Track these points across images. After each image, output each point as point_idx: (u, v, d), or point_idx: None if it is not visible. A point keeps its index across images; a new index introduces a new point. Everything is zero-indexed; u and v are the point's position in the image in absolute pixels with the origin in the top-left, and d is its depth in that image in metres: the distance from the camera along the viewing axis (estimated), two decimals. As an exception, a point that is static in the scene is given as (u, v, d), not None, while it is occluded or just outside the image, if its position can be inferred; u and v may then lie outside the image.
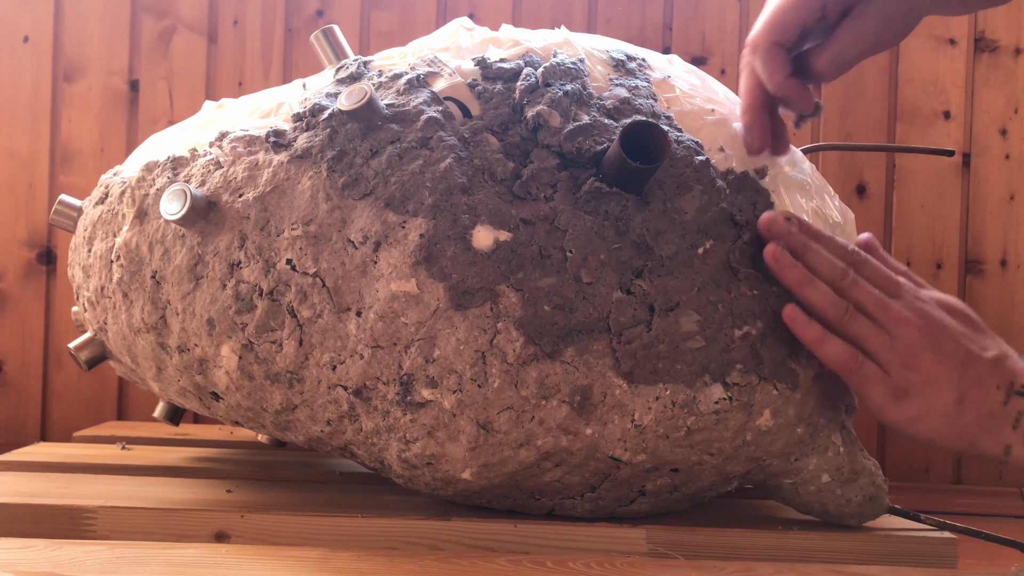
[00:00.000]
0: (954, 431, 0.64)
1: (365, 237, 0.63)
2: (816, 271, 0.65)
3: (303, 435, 0.69)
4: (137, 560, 0.58)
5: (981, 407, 0.63)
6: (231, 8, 1.23)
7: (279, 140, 0.67)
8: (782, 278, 0.65)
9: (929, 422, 0.64)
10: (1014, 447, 0.64)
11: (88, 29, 1.23)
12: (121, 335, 0.73)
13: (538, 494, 0.67)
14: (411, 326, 0.62)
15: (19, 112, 1.23)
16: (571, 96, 0.67)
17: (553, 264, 0.62)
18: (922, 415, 0.63)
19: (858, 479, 0.68)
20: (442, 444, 0.63)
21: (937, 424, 0.64)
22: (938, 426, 0.64)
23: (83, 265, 0.76)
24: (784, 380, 0.65)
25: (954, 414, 0.63)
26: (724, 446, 0.65)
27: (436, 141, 0.64)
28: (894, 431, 0.66)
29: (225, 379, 0.68)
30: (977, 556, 0.80)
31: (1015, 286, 1.21)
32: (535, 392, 0.62)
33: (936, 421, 0.64)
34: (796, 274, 0.65)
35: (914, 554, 0.66)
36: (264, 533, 0.66)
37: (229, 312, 0.66)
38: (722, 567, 0.62)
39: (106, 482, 0.76)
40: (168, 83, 1.23)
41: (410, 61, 0.70)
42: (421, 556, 0.62)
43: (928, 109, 1.20)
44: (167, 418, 0.87)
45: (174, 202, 0.66)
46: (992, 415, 0.64)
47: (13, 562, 0.57)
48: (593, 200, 0.64)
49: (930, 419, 0.64)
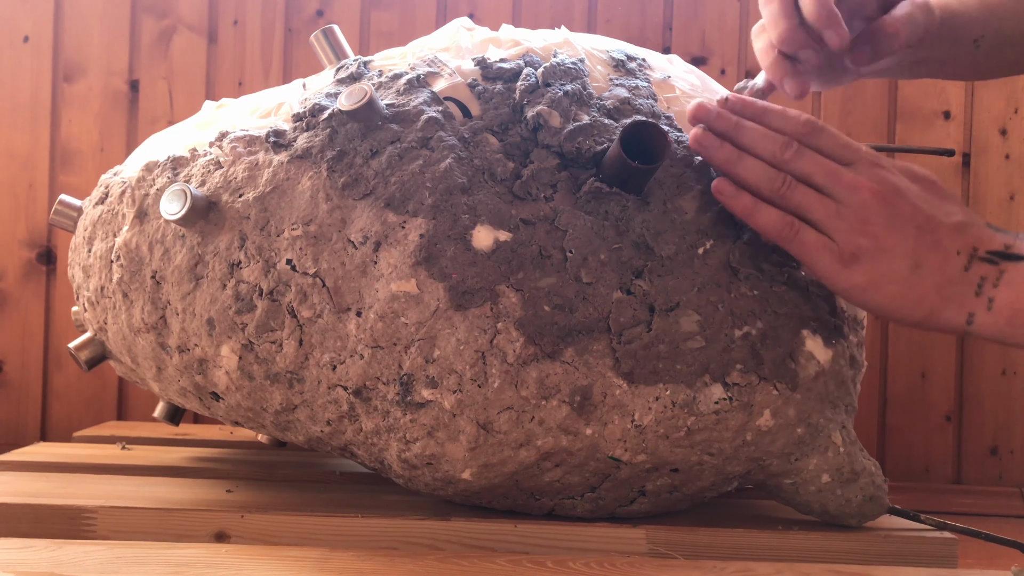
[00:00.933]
0: (911, 300, 0.61)
1: (365, 237, 0.63)
2: (753, 148, 0.63)
3: (303, 435, 0.69)
4: (137, 560, 0.58)
5: (940, 274, 0.60)
6: (231, 8, 1.23)
7: (279, 140, 0.67)
8: (710, 160, 0.64)
9: (883, 290, 0.61)
10: (977, 315, 0.60)
11: (88, 29, 1.23)
12: (121, 335, 0.73)
13: (538, 494, 0.67)
14: (411, 326, 0.62)
15: (19, 112, 1.23)
16: (571, 96, 0.67)
17: (553, 264, 0.62)
18: (874, 282, 0.61)
19: (858, 479, 0.68)
20: (442, 444, 0.63)
21: (892, 292, 0.61)
22: (893, 294, 0.61)
23: (83, 265, 0.76)
24: (784, 380, 0.65)
25: (910, 281, 0.60)
26: (724, 446, 0.65)
27: (436, 141, 0.64)
28: (848, 300, 0.63)
29: (225, 379, 0.68)
30: (977, 556, 0.80)
31: (1015, 286, 1.20)
32: (535, 392, 0.62)
33: (890, 289, 0.60)
34: (722, 153, 0.63)
35: (914, 554, 0.66)
36: (264, 533, 0.66)
37: (229, 312, 0.66)
38: (722, 567, 0.62)
39: (106, 482, 0.76)
40: (168, 83, 1.23)
41: (410, 61, 0.70)
42: (421, 556, 0.62)
43: (928, 109, 1.20)
44: (167, 418, 0.87)
45: (174, 202, 0.66)
46: (952, 282, 0.60)
47: (13, 562, 0.57)
48: (593, 200, 0.64)
49: (884, 287, 0.60)
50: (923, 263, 0.60)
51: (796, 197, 0.62)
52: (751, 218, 0.63)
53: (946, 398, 1.21)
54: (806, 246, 0.62)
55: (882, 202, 0.61)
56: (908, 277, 0.60)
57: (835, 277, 0.62)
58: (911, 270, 0.60)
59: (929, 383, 1.21)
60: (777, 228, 0.62)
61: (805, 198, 0.62)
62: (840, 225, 0.61)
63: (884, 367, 1.21)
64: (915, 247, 0.61)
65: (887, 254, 0.61)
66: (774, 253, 0.66)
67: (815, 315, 0.66)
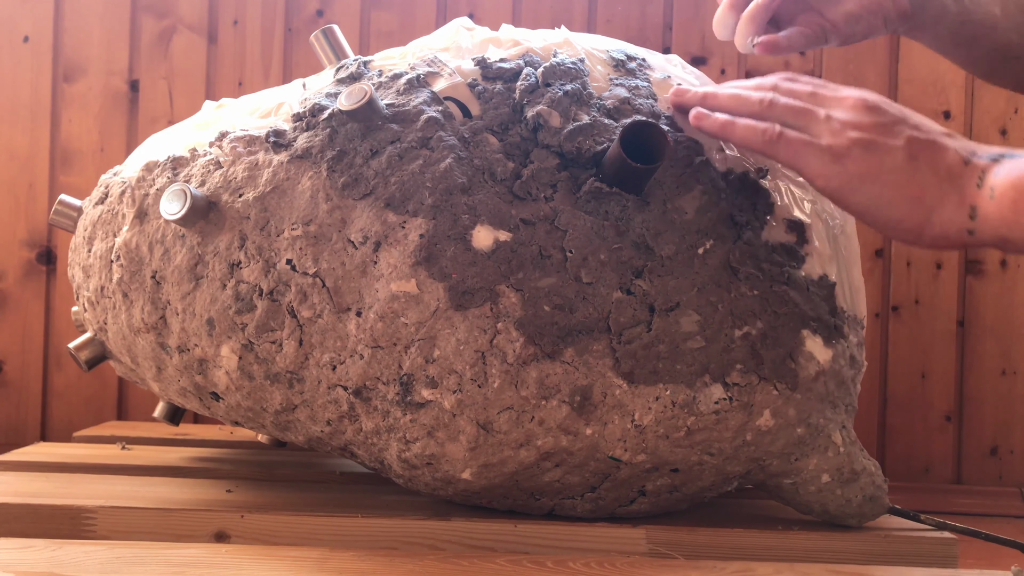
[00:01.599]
0: (910, 193, 0.57)
1: (365, 237, 0.63)
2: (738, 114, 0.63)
3: (303, 435, 0.69)
4: (137, 560, 0.58)
5: (939, 165, 0.57)
6: (231, 8, 1.23)
7: (279, 140, 0.67)
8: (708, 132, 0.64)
9: (880, 180, 0.57)
10: (979, 207, 0.55)
11: (88, 29, 1.23)
12: (121, 335, 0.73)
13: (538, 494, 0.67)
14: (411, 326, 0.62)
15: (19, 112, 1.23)
16: (571, 96, 0.67)
17: (553, 264, 0.62)
18: (871, 172, 0.57)
19: (858, 479, 0.68)
20: (442, 444, 0.63)
21: (889, 182, 0.57)
22: (891, 184, 0.57)
23: (83, 265, 0.76)
24: (784, 380, 0.65)
25: (907, 171, 0.57)
26: (724, 446, 0.65)
27: (436, 141, 0.64)
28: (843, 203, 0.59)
29: (225, 379, 0.68)
30: (977, 556, 0.80)
31: (1015, 286, 1.21)
32: (535, 392, 0.62)
33: (888, 179, 0.57)
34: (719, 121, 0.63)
35: (914, 554, 0.66)
36: (264, 533, 0.66)
37: (229, 312, 0.66)
38: (722, 567, 0.62)
39: (106, 482, 0.76)
40: (168, 83, 1.23)
41: (410, 61, 0.70)
42: (421, 556, 0.62)
43: (928, 109, 1.20)
44: (167, 418, 0.87)
45: (174, 202, 0.66)
46: (952, 175, 0.56)
47: (13, 562, 0.57)
48: (593, 200, 0.64)
49: (881, 176, 0.57)
50: (920, 156, 0.57)
51: (779, 109, 0.61)
52: (730, 132, 0.62)
53: (946, 398, 1.21)
54: (793, 144, 0.59)
55: (871, 108, 0.59)
56: (905, 167, 0.57)
57: (827, 172, 0.58)
58: (908, 161, 0.57)
59: (929, 383, 1.21)
60: (758, 133, 0.60)
61: (790, 107, 0.61)
62: (830, 127, 0.59)
63: (884, 367, 1.21)
64: (909, 143, 0.57)
65: (881, 147, 0.57)
66: (774, 253, 0.66)
67: (815, 315, 0.66)
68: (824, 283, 0.68)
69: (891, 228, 0.58)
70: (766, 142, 0.60)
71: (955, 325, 1.21)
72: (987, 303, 1.21)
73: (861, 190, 0.58)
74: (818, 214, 0.70)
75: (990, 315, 1.21)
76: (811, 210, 0.70)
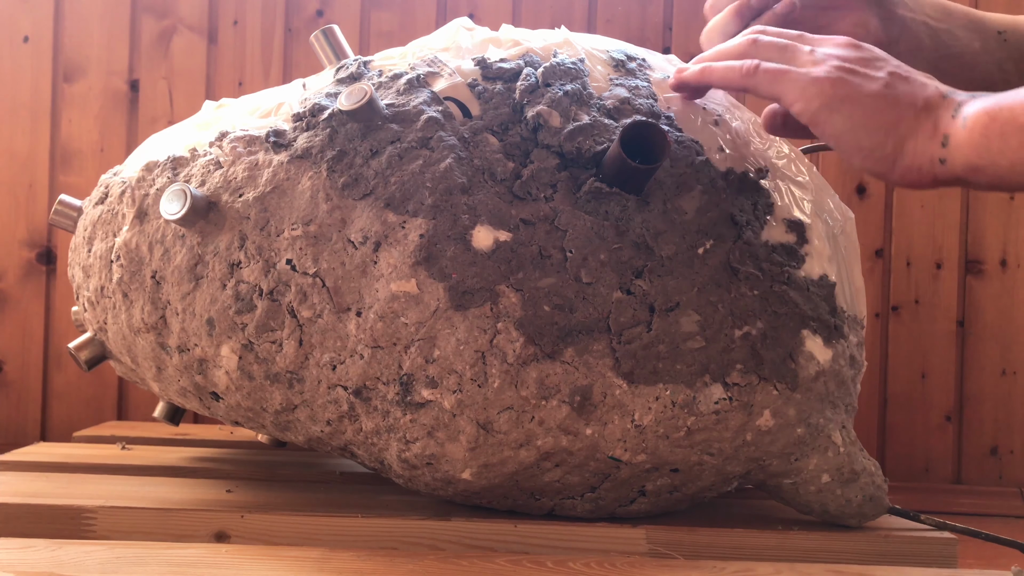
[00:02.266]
0: (886, 119, 0.57)
1: (365, 237, 0.63)
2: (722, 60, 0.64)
3: (303, 435, 0.69)
4: (137, 560, 0.58)
5: (916, 97, 0.58)
6: (231, 8, 1.23)
7: (279, 140, 0.67)
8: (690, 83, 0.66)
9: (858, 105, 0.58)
10: (952, 135, 0.56)
11: (88, 29, 1.23)
12: (121, 335, 0.73)
13: (538, 494, 0.67)
14: (411, 326, 0.62)
15: (19, 112, 1.23)
16: (571, 96, 0.67)
17: (553, 264, 0.62)
18: (849, 96, 0.58)
19: (858, 479, 0.68)
20: (442, 444, 0.63)
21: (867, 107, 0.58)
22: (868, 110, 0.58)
23: (83, 265, 0.76)
24: (784, 380, 0.65)
25: (885, 95, 0.58)
26: (724, 446, 0.65)
27: (436, 141, 0.64)
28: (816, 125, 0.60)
29: (225, 379, 0.68)
30: (977, 556, 0.80)
31: (1015, 286, 1.21)
32: (535, 392, 0.62)
33: (866, 103, 0.58)
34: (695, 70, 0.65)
35: (914, 554, 0.66)
36: (264, 533, 0.66)
37: (229, 312, 0.66)
38: (722, 567, 0.62)
39: (106, 482, 0.76)
40: (168, 83, 1.23)
41: (410, 61, 0.70)
42: (421, 556, 0.62)
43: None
44: (167, 418, 0.87)
45: (174, 202, 0.66)
46: (929, 106, 0.57)
47: (13, 562, 0.57)
48: (593, 200, 0.64)
49: (858, 102, 0.58)
50: (899, 87, 0.58)
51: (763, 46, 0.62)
52: (708, 76, 0.63)
53: (946, 398, 1.21)
54: (771, 72, 0.60)
55: (857, 46, 0.60)
56: (885, 94, 0.58)
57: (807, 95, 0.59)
58: (887, 88, 0.58)
59: (929, 383, 1.21)
60: (736, 70, 0.61)
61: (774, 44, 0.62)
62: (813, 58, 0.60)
63: (884, 367, 1.21)
64: (891, 75, 0.59)
65: (862, 75, 0.59)
66: (774, 253, 0.66)
67: (815, 315, 0.66)
68: (824, 283, 0.68)
69: (864, 156, 0.59)
70: (744, 76, 0.61)
71: (955, 325, 1.21)
72: (987, 303, 1.21)
73: (840, 111, 0.58)
74: (818, 214, 0.70)
75: (990, 315, 1.21)
76: (811, 210, 0.70)
